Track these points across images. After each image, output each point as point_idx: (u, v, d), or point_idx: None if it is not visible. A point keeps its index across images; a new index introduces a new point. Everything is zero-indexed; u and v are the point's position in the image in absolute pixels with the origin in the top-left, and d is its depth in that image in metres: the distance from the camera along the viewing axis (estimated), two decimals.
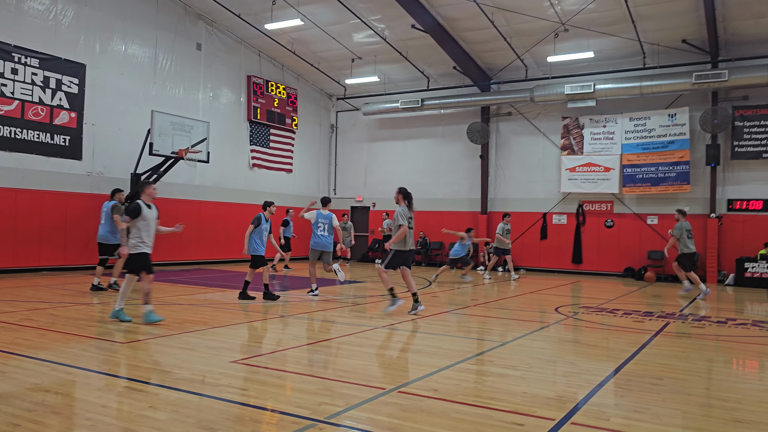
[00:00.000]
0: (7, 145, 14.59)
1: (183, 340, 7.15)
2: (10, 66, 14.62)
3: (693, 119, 18.50)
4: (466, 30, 18.80)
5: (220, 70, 20.49)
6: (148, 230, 8.61)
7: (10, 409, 4.37)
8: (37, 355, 6.13)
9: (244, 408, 4.57)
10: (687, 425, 4.48)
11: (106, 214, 11.86)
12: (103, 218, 11.91)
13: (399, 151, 23.96)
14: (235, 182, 20.91)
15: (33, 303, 9.91)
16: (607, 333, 8.63)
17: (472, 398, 4.94)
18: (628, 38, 17.74)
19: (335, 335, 7.93)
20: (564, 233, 20.69)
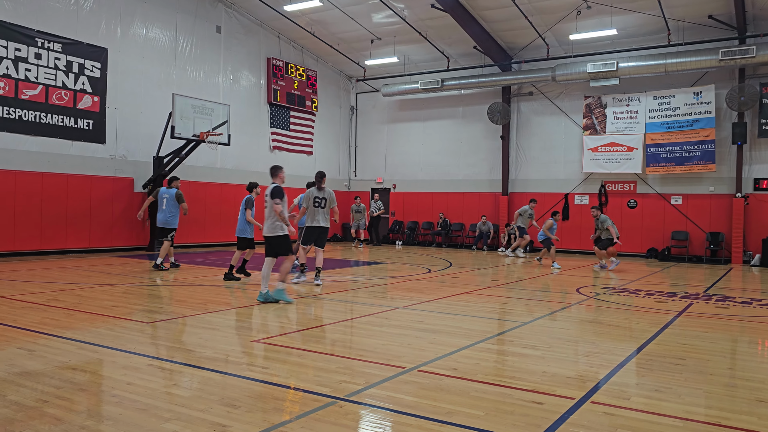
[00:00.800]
0: (32, 130, 14.80)
1: (206, 320, 7.25)
2: (33, 51, 14.78)
3: (719, 97, 18.13)
4: (486, 9, 18.56)
5: (239, 52, 20.51)
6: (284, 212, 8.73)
7: (40, 386, 4.48)
8: (65, 335, 6.27)
9: (266, 386, 4.64)
10: (710, 405, 4.45)
11: (167, 200, 12.45)
12: (163, 204, 12.48)
13: (419, 133, 23.86)
14: (256, 165, 21.01)
15: (60, 284, 10.11)
16: (629, 313, 8.57)
17: (492, 377, 4.96)
18: (653, 14, 17.38)
19: (355, 315, 7.99)
20: (586, 214, 20.47)
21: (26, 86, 14.66)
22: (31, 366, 5.03)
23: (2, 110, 14.25)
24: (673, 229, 19.10)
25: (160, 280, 11.10)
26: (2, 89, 14.22)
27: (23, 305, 7.98)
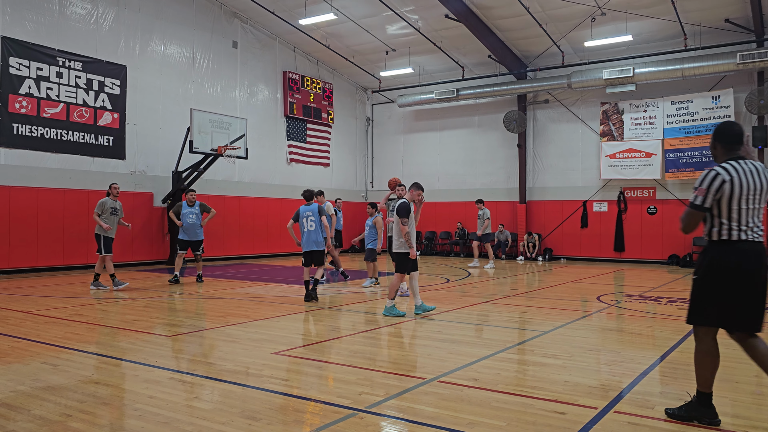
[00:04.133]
0: (54, 147, 15.05)
1: (226, 332, 7.29)
2: (55, 70, 15.06)
3: (738, 101, 17.93)
4: (500, 18, 18.57)
5: (256, 66, 20.72)
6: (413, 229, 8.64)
7: (63, 401, 4.53)
8: (87, 349, 6.34)
9: (287, 398, 4.65)
10: (736, 413, 4.38)
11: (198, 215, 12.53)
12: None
13: (435, 142, 23.88)
14: (274, 177, 21.15)
15: (82, 299, 10.23)
16: (652, 321, 8.47)
17: (513, 387, 4.92)
18: (668, 20, 17.27)
19: (374, 326, 7.98)
20: (605, 221, 20.33)
21: (48, 104, 14.93)
22: (54, 380, 5.08)
23: (25, 128, 14.51)
24: (695, 235, 18.84)
25: (179, 293, 11.19)
26: (25, 108, 14.50)
27: (47, 320, 8.09)
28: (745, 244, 3.98)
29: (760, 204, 4.01)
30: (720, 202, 3.98)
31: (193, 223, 12.43)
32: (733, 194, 3.95)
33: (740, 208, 3.96)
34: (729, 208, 3.97)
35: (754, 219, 4.00)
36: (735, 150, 4.12)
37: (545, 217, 21.44)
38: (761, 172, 4.02)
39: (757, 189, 3.98)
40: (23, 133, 14.49)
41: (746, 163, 4.04)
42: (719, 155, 4.22)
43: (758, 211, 4.01)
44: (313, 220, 10.03)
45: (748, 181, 3.96)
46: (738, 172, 3.97)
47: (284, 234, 20.15)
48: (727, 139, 4.16)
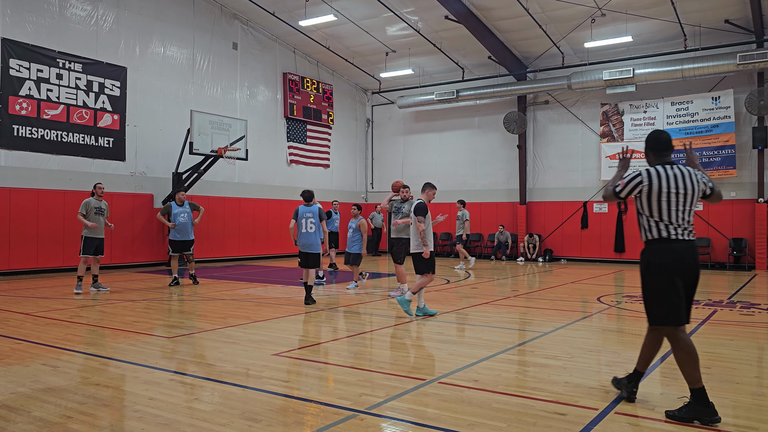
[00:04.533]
0: (54, 149, 15.06)
1: (226, 334, 7.29)
2: (55, 72, 15.07)
3: (738, 101, 17.94)
4: (500, 19, 18.58)
5: (256, 68, 20.73)
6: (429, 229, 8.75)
7: (63, 402, 4.53)
8: (88, 350, 6.34)
9: (287, 399, 4.64)
10: (737, 414, 4.37)
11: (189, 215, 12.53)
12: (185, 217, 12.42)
13: (435, 143, 23.88)
14: (274, 179, 21.15)
15: (82, 301, 10.23)
16: None
17: (514, 388, 4.92)
18: (668, 20, 17.28)
19: (375, 327, 7.97)
20: (605, 222, 20.32)
21: (48, 106, 14.93)
22: (55, 382, 5.08)
23: (25, 130, 14.52)
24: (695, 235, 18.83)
25: (178, 295, 11.19)
26: (25, 110, 14.51)
27: (47, 322, 8.09)
28: (677, 242, 4.31)
29: (687, 206, 4.34)
30: (641, 200, 4.39)
31: (185, 222, 12.40)
32: (651, 195, 4.33)
33: (669, 209, 4.31)
34: (650, 206, 4.35)
35: (683, 219, 4.33)
36: (663, 156, 4.50)
37: (545, 218, 21.44)
38: (687, 177, 4.36)
39: (680, 191, 4.31)
40: (23, 135, 14.50)
41: (672, 168, 4.39)
42: (651, 161, 4.58)
43: (687, 212, 4.34)
44: (313, 222, 9.97)
45: (669, 184, 4.30)
46: (660, 176, 4.34)
47: (284, 235, 20.18)
48: (655, 146, 4.55)
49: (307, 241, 9.96)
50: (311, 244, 9.94)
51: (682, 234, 4.33)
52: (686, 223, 4.35)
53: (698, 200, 4.44)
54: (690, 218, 4.38)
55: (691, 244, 4.35)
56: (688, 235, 4.35)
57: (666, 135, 4.55)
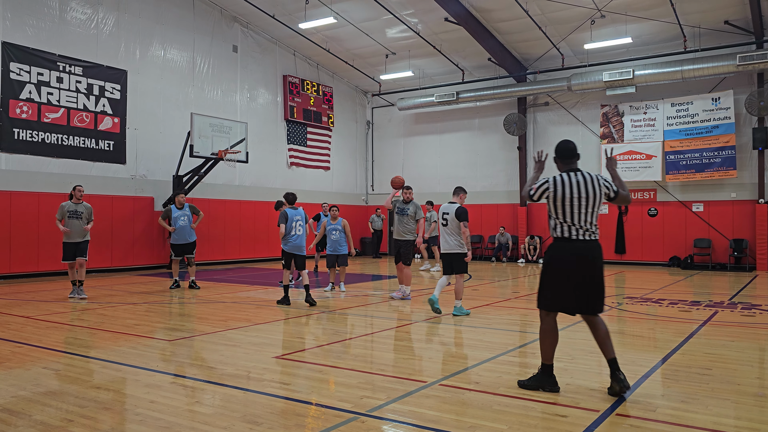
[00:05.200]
0: (55, 152, 15.07)
1: (227, 336, 7.28)
2: (55, 75, 15.08)
3: (738, 102, 17.94)
4: (499, 20, 18.60)
5: (256, 70, 20.75)
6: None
7: (64, 406, 4.53)
8: (88, 354, 6.34)
9: (288, 402, 4.64)
10: (739, 415, 4.37)
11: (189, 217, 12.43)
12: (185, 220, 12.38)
13: (436, 145, 23.89)
14: (274, 181, 21.16)
15: (83, 304, 10.22)
16: (653, 323, 8.46)
17: (515, 390, 4.91)
18: (668, 22, 17.29)
19: (376, 329, 7.97)
20: (606, 223, 20.31)
21: (48, 109, 14.94)
22: (55, 385, 5.08)
23: (25, 133, 14.53)
24: (696, 236, 18.85)
25: (179, 298, 11.18)
26: (25, 113, 14.52)
27: (47, 325, 8.09)
28: (578, 242, 4.77)
29: (590, 208, 4.78)
30: (549, 204, 4.84)
31: (185, 225, 12.30)
32: (556, 199, 4.78)
33: (572, 212, 4.75)
34: (556, 210, 4.81)
35: (586, 221, 4.77)
36: (569, 163, 4.95)
37: (546, 219, 21.39)
38: (589, 182, 4.79)
39: (582, 196, 4.75)
40: (24, 138, 14.51)
41: (576, 175, 4.83)
42: (559, 168, 5.02)
43: (590, 215, 4.79)
44: (301, 225, 10.15)
45: (572, 190, 4.76)
46: (564, 182, 4.79)
47: None
48: (562, 155, 4.99)
49: (299, 243, 10.11)
50: (302, 246, 10.15)
51: (583, 235, 4.78)
52: (588, 224, 4.79)
53: (602, 203, 4.85)
54: (592, 220, 4.81)
55: (590, 244, 4.80)
56: (590, 235, 4.80)
57: (572, 144, 4.99)
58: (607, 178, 4.91)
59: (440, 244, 9.30)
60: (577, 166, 4.95)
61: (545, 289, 4.90)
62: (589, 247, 4.79)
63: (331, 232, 11.69)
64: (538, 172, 5.23)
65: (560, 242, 4.83)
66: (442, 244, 9.20)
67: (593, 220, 4.82)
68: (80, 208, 10.91)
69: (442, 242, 9.19)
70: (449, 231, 9.01)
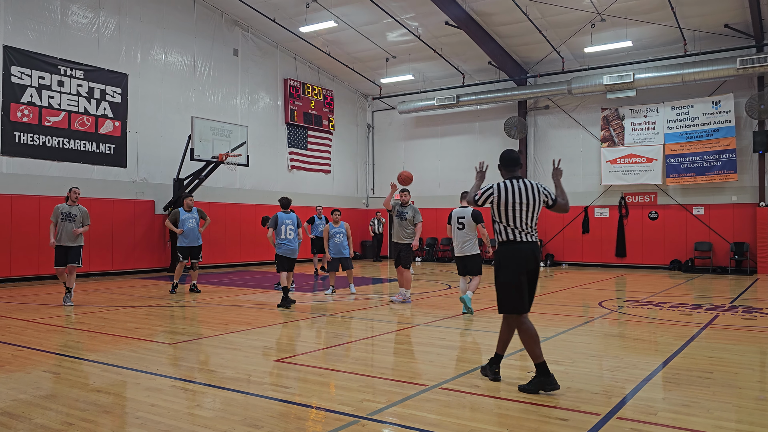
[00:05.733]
0: (56, 155, 15.08)
1: (227, 340, 7.28)
2: (56, 78, 15.11)
3: (738, 106, 17.95)
4: (500, 24, 18.63)
5: (256, 74, 20.78)
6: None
7: (65, 409, 4.52)
8: (89, 357, 6.33)
9: (288, 405, 4.64)
10: (740, 419, 4.36)
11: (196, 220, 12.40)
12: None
13: (436, 149, 23.91)
14: (275, 184, 21.17)
15: (83, 307, 10.23)
16: (654, 327, 8.45)
17: (515, 394, 4.91)
18: (668, 25, 17.32)
19: (376, 333, 7.97)
20: (606, 226, 20.32)
21: (49, 113, 14.97)
22: (56, 389, 5.08)
23: (26, 137, 14.54)
24: (696, 240, 18.84)
25: (178, 302, 11.18)
26: (26, 116, 14.54)
27: (48, 328, 8.09)
28: (522, 244, 5.10)
29: (530, 213, 5.11)
30: (494, 209, 5.17)
31: (193, 228, 12.27)
32: (500, 204, 5.12)
33: (515, 216, 5.09)
34: (500, 214, 5.13)
35: (527, 225, 5.11)
36: (512, 171, 5.34)
37: (546, 222, 21.42)
38: (530, 189, 5.15)
39: (523, 201, 5.10)
40: (25, 142, 14.52)
41: (518, 182, 5.20)
42: (503, 175, 5.40)
43: (531, 219, 5.13)
44: (292, 229, 10.31)
45: (515, 196, 5.10)
46: (507, 188, 5.15)
47: None
48: (506, 163, 5.38)
49: (289, 247, 10.30)
50: (294, 249, 10.34)
51: (526, 237, 5.11)
52: (529, 228, 5.13)
53: (541, 208, 5.20)
54: (532, 223, 5.15)
55: (533, 245, 5.13)
56: (531, 237, 5.14)
57: (515, 154, 5.42)
58: (548, 187, 5.26)
59: (454, 247, 9.54)
60: (519, 174, 5.32)
61: (506, 293, 5.14)
62: (533, 248, 5.14)
63: (335, 236, 11.83)
64: (479, 180, 5.62)
65: (508, 245, 5.14)
66: (456, 248, 9.46)
67: (533, 224, 5.17)
68: (74, 210, 10.44)
69: (456, 246, 9.44)
70: (465, 234, 9.35)
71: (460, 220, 9.37)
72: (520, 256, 5.08)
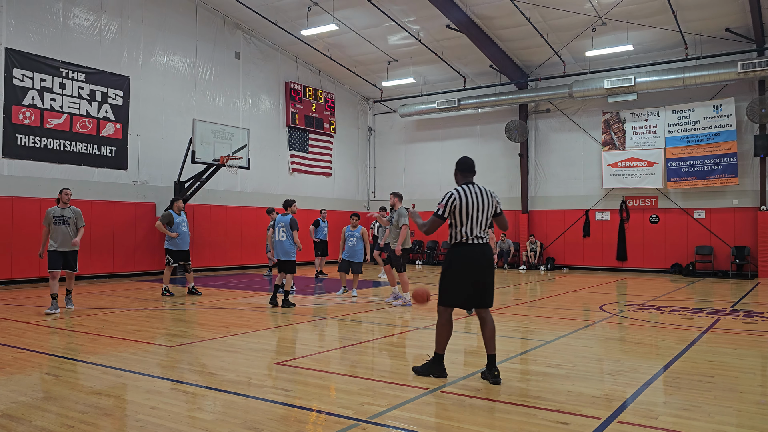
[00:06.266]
0: (57, 158, 15.10)
1: (228, 342, 7.27)
2: (58, 81, 15.13)
3: (739, 109, 17.96)
4: (501, 28, 18.65)
5: (258, 77, 20.80)
6: None
7: (65, 411, 4.52)
8: (89, 359, 6.33)
9: (289, 408, 4.63)
10: (741, 423, 4.35)
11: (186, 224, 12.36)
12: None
13: (437, 152, 23.91)
14: (276, 187, 21.18)
15: (84, 309, 10.22)
16: (655, 330, 8.44)
17: (516, 397, 4.90)
18: (669, 29, 17.33)
19: (377, 336, 7.96)
20: (607, 230, 20.31)
21: (51, 115, 14.99)
22: (56, 391, 5.08)
23: (28, 139, 14.56)
24: (697, 243, 18.83)
25: (178, 305, 11.17)
26: (28, 119, 14.56)
27: (49, 331, 8.09)
28: (474, 246, 5.41)
29: (483, 217, 5.43)
30: (454, 214, 5.40)
31: (187, 231, 12.31)
32: (461, 209, 5.37)
33: (470, 220, 5.38)
34: (460, 219, 5.39)
35: (481, 228, 5.42)
36: (468, 176, 5.60)
37: (547, 226, 21.43)
38: (484, 194, 5.46)
39: (480, 206, 5.40)
40: (26, 144, 14.54)
41: (474, 186, 5.50)
42: (458, 180, 5.65)
43: (484, 222, 5.44)
44: (284, 231, 10.42)
45: (472, 200, 5.40)
46: (466, 193, 5.42)
47: None
48: (462, 168, 5.62)
49: (280, 248, 10.44)
50: (286, 251, 10.44)
51: (478, 240, 5.42)
52: (481, 231, 5.44)
53: (492, 214, 5.51)
54: (485, 227, 5.46)
55: (484, 247, 5.45)
56: (482, 240, 5.45)
57: (471, 161, 5.66)
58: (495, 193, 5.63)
59: None
60: (473, 180, 5.60)
61: (447, 288, 5.49)
62: (484, 250, 5.45)
63: (349, 239, 12.03)
64: (418, 218, 5.76)
65: (460, 247, 5.44)
66: None
67: (486, 227, 5.48)
68: (67, 212, 9.78)
69: None
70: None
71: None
72: (471, 257, 5.40)
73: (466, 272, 5.40)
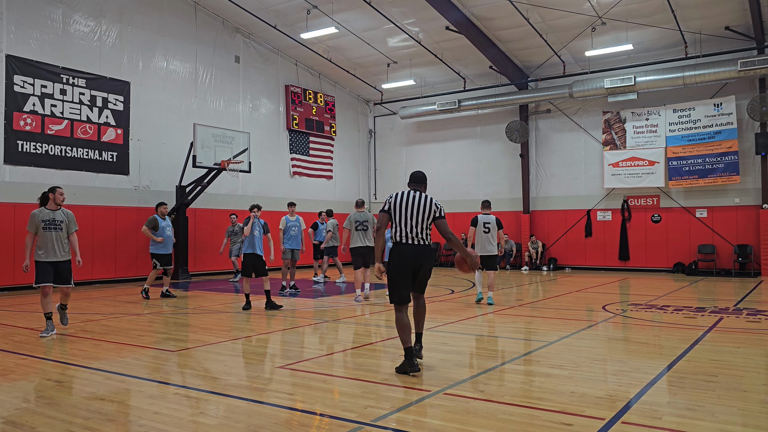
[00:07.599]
0: (58, 164, 15.12)
1: (230, 347, 7.27)
2: (58, 87, 15.16)
3: (740, 108, 17.94)
4: (500, 29, 18.65)
5: (258, 81, 20.82)
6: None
7: (68, 417, 4.52)
8: (92, 365, 6.33)
9: (292, 412, 4.63)
10: (746, 423, 4.34)
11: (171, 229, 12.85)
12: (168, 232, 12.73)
13: (438, 153, 23.91)
14: (277, 191, 21.19)
15: (87, 315, 10.23)
16: (658, 330, 8.43)
17: (519, 399, 4.89)
18: (669, 28, 17.33)
19: (379, 338, 7.96)
20: (609, 230, 20.29)
21: (52, 121, 15.01)
22: (59, 397, 5.08)
23: (29, 145, 14.59)
24: (699, 242, 18.81)
25: (179, 308, 11.18)
26: (29, 125, 14.58)
27: (51, 336, 8.08)
28: (407, 245, 5.89)
29: (417, 220, 5.89)
30: (393, 215, 5.95)
31: (170, 236, 12.63)
32: (394, 208, 5.95)
33: (406, 221, 5.88)
34: (397, 219, 5.92)
35: (415, 229, 5.89)
36: (414, 186, 6.17)
37: (549, 226, 21.42)
38: (421, 200, 5.95)
39: (413, 209, 5.90)
40: (28, 150, 14.56)
41: (414, 192, 6.03)
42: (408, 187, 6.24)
43: (418, 224, 5.90)
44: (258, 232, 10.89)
45: (405, 202, 5.93)
46: (402, 196, 5.99)
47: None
48: (411, 179, 6.25)
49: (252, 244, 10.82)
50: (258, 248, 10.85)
51: (413, 240, 5.88)
52: (417, 231, 5.89)
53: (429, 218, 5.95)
54: (419, 229, 5.90)
55: (417, 247, 5.89)
56: (418, 241, 5.90)
57: (421, 174, 6.28)
58: (439, 203, 6.08)
59: (479, 247, 11.10)
60: (421, 189, 6.13)
61: (392, 287, 5.94)
62: (419, 250, 5.89)
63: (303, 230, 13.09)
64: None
65: (398, 246, 5.92)
66: (482, 248, 11.09)
67: (423, 230, 5.92)
68: (58, 215, 8.29)
69: (481, 247, 11.10)
70: (490, 237, 11.19)
71: (486, 225, 11.19)
72: (403, 256, 5.86)
73: (403, 266, 5.86)
